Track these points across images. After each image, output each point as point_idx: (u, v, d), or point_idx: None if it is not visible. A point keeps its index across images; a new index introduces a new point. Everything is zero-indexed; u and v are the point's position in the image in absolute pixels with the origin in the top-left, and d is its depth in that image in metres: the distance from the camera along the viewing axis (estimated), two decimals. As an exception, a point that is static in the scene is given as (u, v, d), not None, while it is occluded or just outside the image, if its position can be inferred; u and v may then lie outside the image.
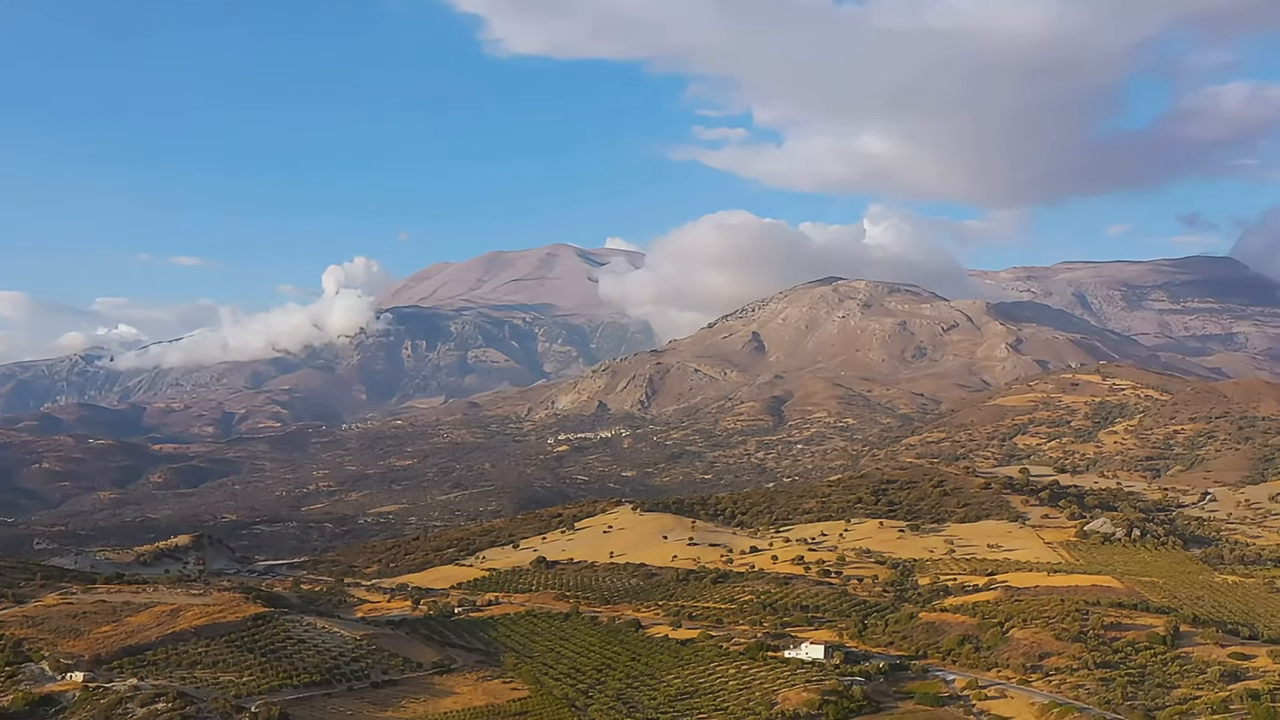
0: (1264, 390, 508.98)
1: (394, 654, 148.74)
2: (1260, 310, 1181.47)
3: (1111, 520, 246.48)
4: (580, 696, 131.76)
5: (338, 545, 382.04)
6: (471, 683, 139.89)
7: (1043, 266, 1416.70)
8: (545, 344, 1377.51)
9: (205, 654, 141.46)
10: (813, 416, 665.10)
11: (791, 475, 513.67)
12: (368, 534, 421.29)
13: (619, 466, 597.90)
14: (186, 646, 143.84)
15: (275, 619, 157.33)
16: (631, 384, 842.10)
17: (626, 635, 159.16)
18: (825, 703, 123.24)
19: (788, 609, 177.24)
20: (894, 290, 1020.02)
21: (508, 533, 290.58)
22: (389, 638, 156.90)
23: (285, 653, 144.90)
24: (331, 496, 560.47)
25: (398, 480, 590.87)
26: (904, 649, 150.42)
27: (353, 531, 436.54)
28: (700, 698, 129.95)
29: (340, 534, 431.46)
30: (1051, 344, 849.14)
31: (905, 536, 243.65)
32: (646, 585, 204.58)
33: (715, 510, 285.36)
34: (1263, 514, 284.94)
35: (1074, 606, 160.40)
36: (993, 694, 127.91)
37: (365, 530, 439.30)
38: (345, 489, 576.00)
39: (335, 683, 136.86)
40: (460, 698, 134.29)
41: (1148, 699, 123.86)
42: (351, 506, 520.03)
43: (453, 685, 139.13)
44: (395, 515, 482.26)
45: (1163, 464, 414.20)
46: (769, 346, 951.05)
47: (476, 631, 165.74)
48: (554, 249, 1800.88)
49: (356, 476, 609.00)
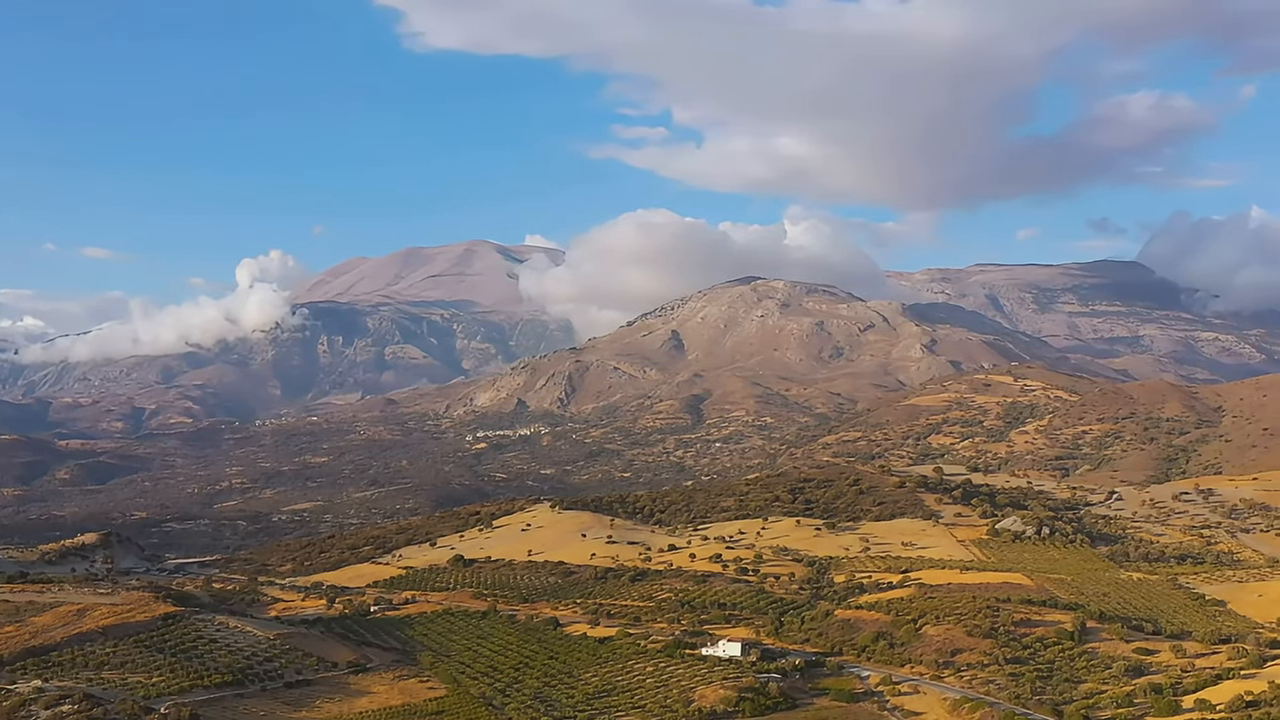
0: (1168, 392, 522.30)
1: (308, 653, 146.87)
2: (1165, 314, 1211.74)
3: (1022, 519, 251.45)
4: (498, 695, 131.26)
5: (251, 543, 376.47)
6: (388, 682, 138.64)
7: (957, 269, 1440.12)
8: (464, 341, 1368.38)
9: (113, 655, 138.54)
10: (731, 415, 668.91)
11: (710, 474, 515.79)
12: (282, 532, 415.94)
13: (538, 464, 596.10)
14: (93, 647, 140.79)
15: (186, 619, 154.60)
16: (551, 382, 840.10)
17: (544, 634, 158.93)
18: (742, 700, 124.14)
19: (705, 607, 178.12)
20: (812, 290, 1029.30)
21: (425, 531, 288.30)
22: (303, 637, 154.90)
23: (196, 653, 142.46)
24: (245, 494, 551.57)
25: (313, 477, 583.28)
26: (820, 646, 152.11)
27: (267, 529, 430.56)
28: (618, 696, 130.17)
29: (254, 532, 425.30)
30: (965, 345, 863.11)
31: (822, 534, 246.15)
32: (565, 583, 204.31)
33: (634, 508, 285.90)
34: (1166, 513, 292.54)
35: (985, 603, 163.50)
36: (906, 690, 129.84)
37: (279, 528, 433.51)
38: (259, 486, 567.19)
39: (248, 683, 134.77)
40: (376, 697, 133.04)
41: (1056, 693, 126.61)
42: (265, 504, 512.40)
43: (368, 685, 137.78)
44: (310, 513, 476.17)
45: (1071, 463, 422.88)
46: (688, 345, 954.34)
47: (393, 630, 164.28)
48: (473, 245, 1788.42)
49: (271, 473, 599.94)
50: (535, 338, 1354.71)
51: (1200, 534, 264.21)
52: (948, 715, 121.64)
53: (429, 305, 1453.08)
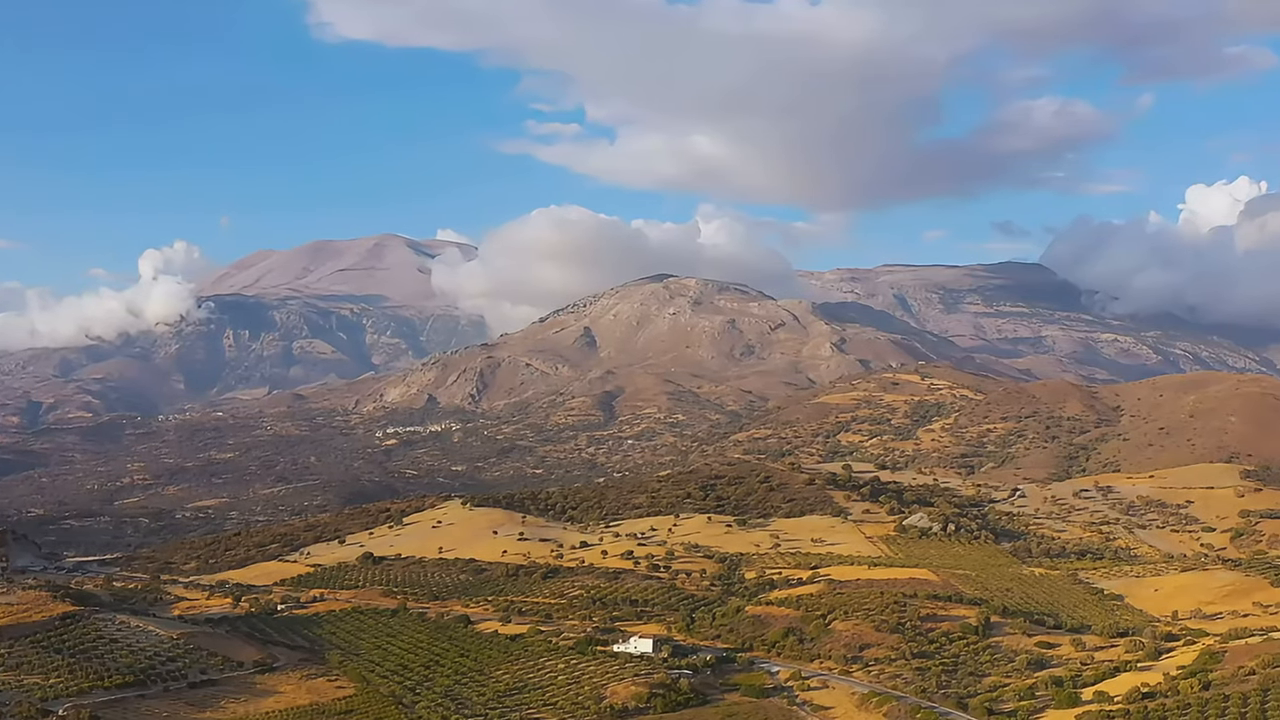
0: (1069, 392, 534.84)
1: (213, 653, 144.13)
2: (1066, 315, 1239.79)
3: (928, 515, 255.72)
4: (407, 694, 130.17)
5: (154, 541, 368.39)
6: (295, 681, 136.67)
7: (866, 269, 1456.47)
8: (374, 336, 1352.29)
9: (8, 655, 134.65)
10: (643, 412, 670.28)
11: (622, 470, 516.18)
12: (186, 529, 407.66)
13: (449, 461, 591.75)
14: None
15: (85, 618, 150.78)
16: (462, 378, 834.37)
17: (455, 631, 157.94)
18: (653, 696, 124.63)
19: (617, 603, 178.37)
20: (723, 289, 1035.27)
21: (334, 528, 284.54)
22: (208, 636, 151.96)
23: (96, 653, 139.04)
24: (147, 490, 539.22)
25: (218, 474, 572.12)
26: (731, 642, 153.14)
27: (170, 527, 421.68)
28: (529, 693, 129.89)
29: (157, 529, 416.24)
30: (874, 344, 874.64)
31: (733, 531, 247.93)
32: (476, 581, 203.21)
33: (546, 505, 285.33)
34: (1067, 509, 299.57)
35: (892, 599, 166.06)
36: (815, 684, 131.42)
37: (183, 525, 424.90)
38: (162, 482, 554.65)
39: (150, 683, 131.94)
40: (283, 697, 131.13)
41: (960, 687, 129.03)
42: (169, 501, 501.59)
43: (275, 684, 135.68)
44: (215, 510, 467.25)
45: (976, 461, 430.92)
46: (601, 342, 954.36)
47: (300, 629, 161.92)
48: (383, 239, 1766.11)
49: (174, 469, 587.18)
50: (447, 333, 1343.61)
51: (1099, 530, 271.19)
52: (855, 709, 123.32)
53: (338, 299, 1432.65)
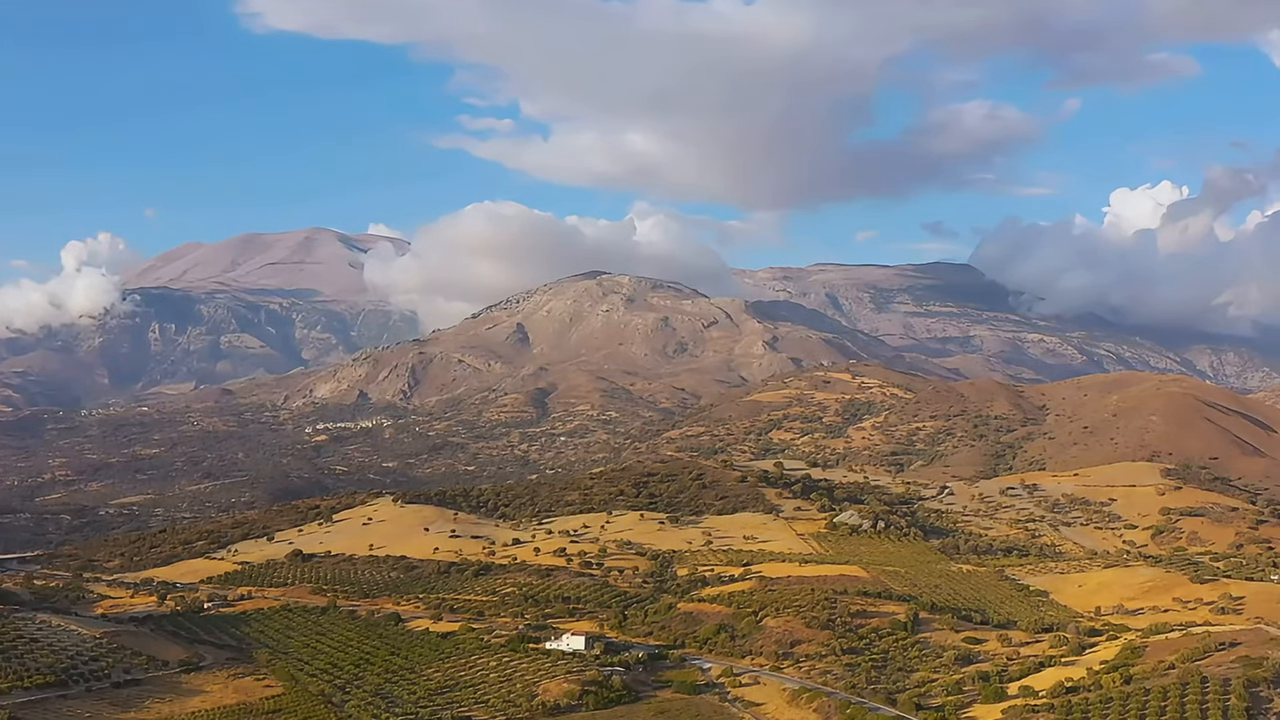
0: (997, 391, 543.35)
1: (138, 652, 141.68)
2: (994, 315, 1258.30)
3: (859, 513, 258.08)
4: (337, 692, 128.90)
5: (76, 538, 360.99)
6: (222, 681, 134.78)
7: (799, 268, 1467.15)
8: (304, 330, 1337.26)
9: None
10: (576, 409, 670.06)
11: (554, 467, 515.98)
12: (109, 526, 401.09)
13: (380, 457, 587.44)
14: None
15: (4, 617, 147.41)
16: (394, 373, 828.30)
17: (386, 629, 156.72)
18: (586, 693, 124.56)
19: (549, 601, 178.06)
20: (657, 286, 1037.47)
21: (262, 525, 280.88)
22: (132, 635, 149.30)
23: (15, 653, 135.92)
24: (70, 486, 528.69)
25: (143, 470, 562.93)
26: (663, 639, 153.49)
27: (93, 524, 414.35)
28: (461, 691, 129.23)
29: (79, 526, 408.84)
30: (805, 343, 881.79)
31: (665, 528, 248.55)
32: (407, 578, 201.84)
33: (478, 502, 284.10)
34: (994, 507, 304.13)
35: (823, 595, 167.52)
36: (746, 681, 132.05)
37: (107, 522, 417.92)
38: (85, 479, 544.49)
39: (72, 683, 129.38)
40: (210, 696, 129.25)
41: (889, 683, 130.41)
42: (92, 497, 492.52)
43: (201, 684, 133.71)
44: (140, 507, 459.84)
45: (906, 459, 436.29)
46: (533, 339, 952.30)
47: (228, 628, 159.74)
48: (313, 233, 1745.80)
49: (98, 465, 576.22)
50: (378, 328, 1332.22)
51: (1025, 527, 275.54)
52: (786, 705, 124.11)
53: (267, 293, 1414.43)
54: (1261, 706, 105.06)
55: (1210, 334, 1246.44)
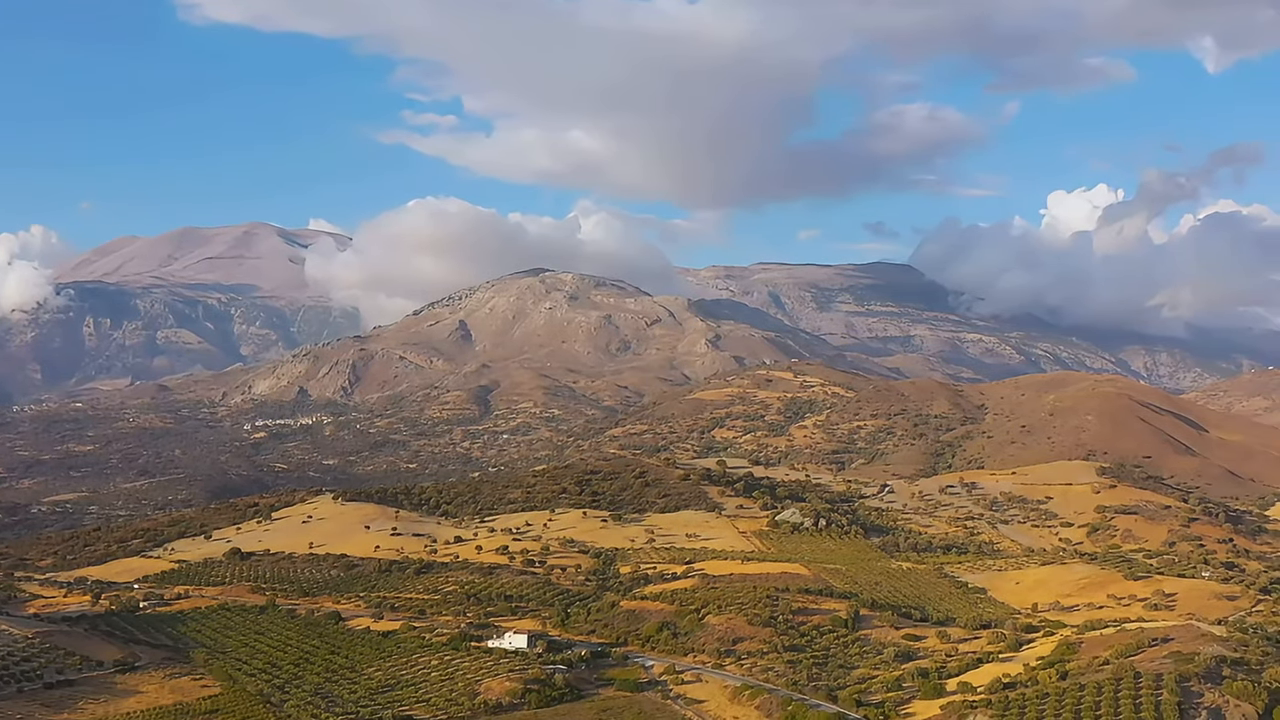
0: (936, 390, 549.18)
1: (71, 652, 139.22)
2: (934, 315, 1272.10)
3: (800, 510, 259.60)
4: (276, 692, 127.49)
5: (7, 537, 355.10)
6: (158, 681, 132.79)
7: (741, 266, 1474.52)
8: (242, 326, 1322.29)
9: None
10: (519, 407, 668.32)
11: (497, 465, 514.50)
12: (42, 524, 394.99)
13: (320, 455, 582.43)
14: None
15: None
16: (334, 370, 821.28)
17: (326, 628, 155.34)
18: (528, 691, 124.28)
19: (492, 599, 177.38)
20: (600, 284, 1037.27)
21: (199, 523, 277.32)
22: (65, 635, 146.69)
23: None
24: (1, 484, 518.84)
25: (77, 467, 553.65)
26: (606, 636, 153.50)
27: (25, 522, 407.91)
28: (402, 690, 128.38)
29: (10, 524, 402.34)
30: (748, 341, 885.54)
31: (608, 526, 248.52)
32: (348, 577, 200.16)
33: (420, 500, 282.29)
34: (934, 505, 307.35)
35: (765, 593, 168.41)
36: (689, 678, 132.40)
37: (39, 520, 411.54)
38: (16, 476, 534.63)
39: (3, 684, 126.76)
40: (145, 697, 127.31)
41: (830, 679, 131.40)
42: (24, 495, 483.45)
43: (137, 684, 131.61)
44: (74, 504, 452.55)
45: (847, 457, 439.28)
46: (476, 336, 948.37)
47: (164, 627, 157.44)
48: (253, 227, 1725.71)
49: (30, 462, 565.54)
50: (319, 324, 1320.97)
51: (964, 525, 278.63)
52: (728, 702, 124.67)
53: (205, 288, 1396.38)
54: (1193, 701, 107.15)
55: (1144, 335, 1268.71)
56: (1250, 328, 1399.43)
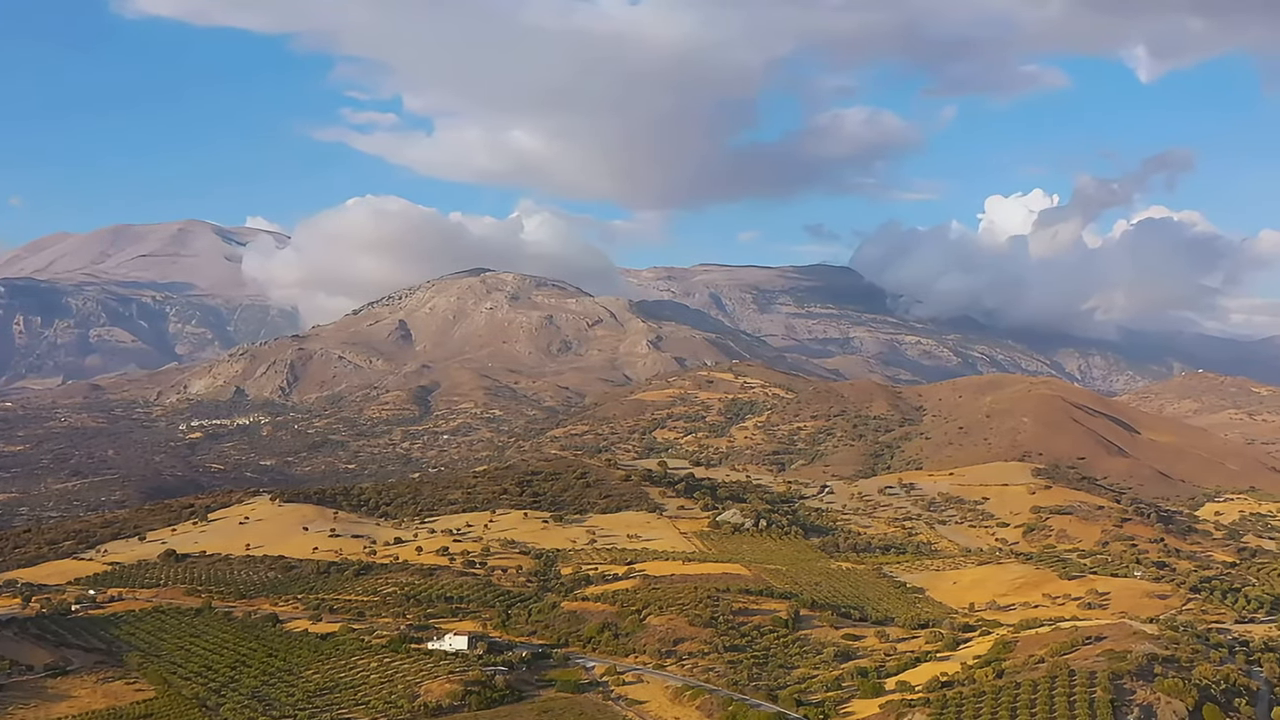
0: (875, 391, 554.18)
1: (1, 656, 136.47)
2: (873, 317, 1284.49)
3: (741, 511, 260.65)
4: (212, 696, 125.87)
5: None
6: (90, 685, 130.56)
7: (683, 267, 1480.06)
8: (178, 325, 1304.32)
9: None
10: (459, 407, 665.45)
11: (437, 465, 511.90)
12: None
13: (257, 455, 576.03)
14: None
15: None
16: (272, 370, 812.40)
17: (263, 630, 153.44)
18: (468, 693, 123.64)
19: (432, 600, 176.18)
20: (541, 284, 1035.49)
21: (133, 524, 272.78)
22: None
23: None
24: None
25: (6, 467, 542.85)
26: (547, 638, 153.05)
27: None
28: (340, 693, 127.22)
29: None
30: (690, 342, 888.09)
31: (549, 527, 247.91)
32: (285, 578, 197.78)
33: (359, 501, 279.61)
34: (873, 505, 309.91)
35: (706, 593, 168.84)
36: (630, 679, 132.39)
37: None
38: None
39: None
40: (77, 701, 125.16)
41: (771, 679, 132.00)
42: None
43: (69, 688, 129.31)
44: (4, 505, 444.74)
45: (787, 458, 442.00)
46: (416, 335, 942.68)
47: (97, 630, 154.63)
48: (188, 225, 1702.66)
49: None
50: (256, 323, 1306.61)
51: (902, 525, 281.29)
52: (669, 703, 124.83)
53: (139, 286, 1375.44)
54: (1126, 699, 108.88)
55: (1078, 338, 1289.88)
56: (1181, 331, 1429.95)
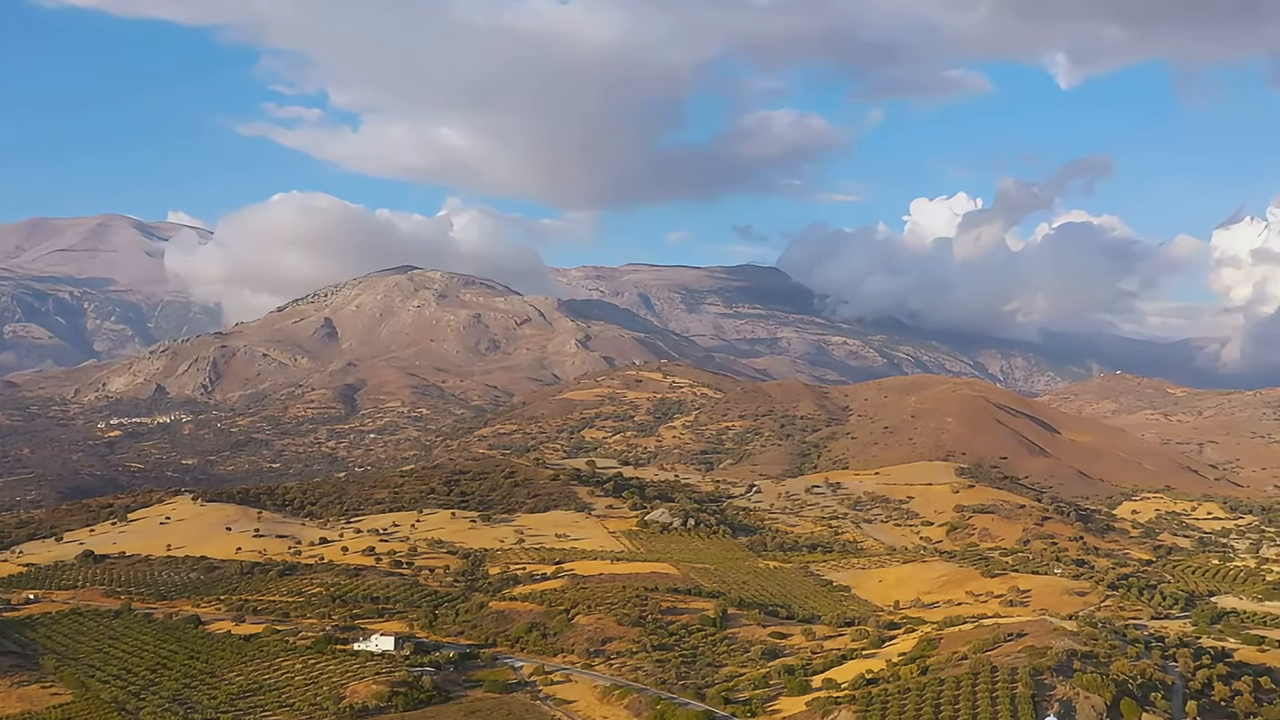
0: (802, 391, 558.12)
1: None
2: (800, 318, 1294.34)
3: (669, 510, 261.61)
4: (131, 699, 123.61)
5: None
6: (4, 689, 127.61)
7: (612, 267, 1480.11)
8: (96, 321, 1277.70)
9: None
10: (386, 406, 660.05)
11: (364, 465, 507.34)
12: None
13: (179, 454, 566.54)
14: None
15: None
16: (194, 367, 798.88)
17: (184, 632, 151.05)
18: (395, 694, 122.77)
19: (358, 601, 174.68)
20: (470, 283, 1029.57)
21: (50, 525, 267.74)
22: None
23: None
24: None
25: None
26: (474, 638, 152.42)
27: None
28: (264, 695, 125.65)
29: None
30: (618, 342, 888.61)
31: (477, 527, 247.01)
32: (208, 579, 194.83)
33: (283, 500, 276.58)
34: (800, 504, 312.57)
35: (634, 592, 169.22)
36: (558, 679, 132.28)
37: None
38: None
39: None
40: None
41: (699, 677, 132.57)
42: None
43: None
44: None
45: (715, 458, 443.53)
46: (342, 333, 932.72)
47: (11, 633, 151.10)
48: (108, 219, 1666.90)
49: None
50: (178, 320, 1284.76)
51: (829, 524, 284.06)
52: (598, 702, 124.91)
53: (56, 281, 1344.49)
54: (1046, 694, 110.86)
55: (1000, 339, 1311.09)
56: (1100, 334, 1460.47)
